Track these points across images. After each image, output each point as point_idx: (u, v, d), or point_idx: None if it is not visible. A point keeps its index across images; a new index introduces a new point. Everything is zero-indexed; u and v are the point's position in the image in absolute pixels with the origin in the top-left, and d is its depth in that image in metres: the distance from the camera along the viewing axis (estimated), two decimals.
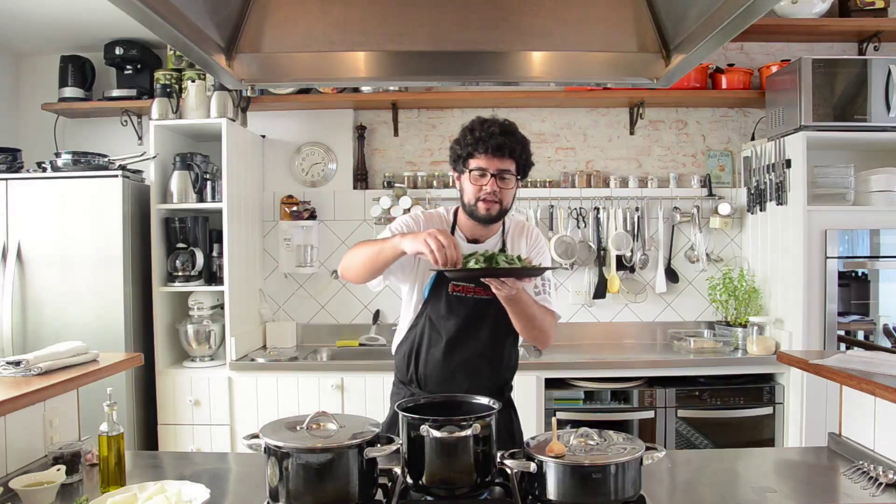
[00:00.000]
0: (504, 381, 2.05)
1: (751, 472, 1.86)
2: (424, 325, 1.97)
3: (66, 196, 3.17)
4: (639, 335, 3.80)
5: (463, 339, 1.94)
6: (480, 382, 1.93)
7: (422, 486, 1.49)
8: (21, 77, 3.92)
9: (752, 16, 1.16)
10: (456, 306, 1.94)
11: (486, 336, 1.96)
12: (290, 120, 3.87)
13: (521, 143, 1.92)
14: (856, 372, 1.76)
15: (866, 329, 3.33)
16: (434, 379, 1.94)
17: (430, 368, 1.95)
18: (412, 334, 1.99)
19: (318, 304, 3.85)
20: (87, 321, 3.14)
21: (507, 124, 1.92)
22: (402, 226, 2.01)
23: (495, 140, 1.87)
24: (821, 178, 3.25)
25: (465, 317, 1.94)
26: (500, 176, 1.89)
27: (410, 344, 1.99)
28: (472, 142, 1.89)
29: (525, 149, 1.94)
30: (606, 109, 3.89)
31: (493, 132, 1.87)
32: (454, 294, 1.94)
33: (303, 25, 1.49)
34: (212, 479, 1.68)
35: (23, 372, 1.76)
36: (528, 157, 1.95)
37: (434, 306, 1.96)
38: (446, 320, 1.94)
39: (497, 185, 1.89)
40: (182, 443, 3.27)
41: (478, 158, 1.89)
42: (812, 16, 3.45)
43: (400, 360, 2.03)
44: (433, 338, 1.95)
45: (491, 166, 1.88)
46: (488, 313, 1.94)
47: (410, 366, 1.98)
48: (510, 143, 1.88)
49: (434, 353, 1.95)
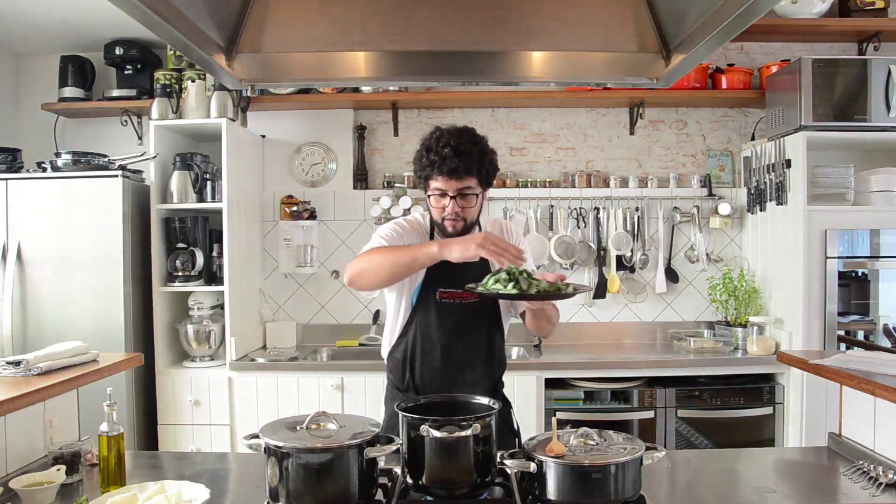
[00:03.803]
0: (498, 378, 2.07)
1: (751, 472, 1.86)
2: (416, 333, 1.96)
3: (66, 196, 3.17)
4: (639, 335, 3.80)
5: (457, 344, 1.94)
6: (477, 383, 1.94)
7: (422, 486, 1.49)
8: (21, 77, 3.92)
9: (752, 16, 1.16)
10: (445, 313, 1.94)
11: (478, 338, 1.97)
12: (290, 120, 3.86)
13: (478, 159, 1.84)
14: (856, 372, 1.76)
15: (866, 329, 3.33)
16: (433, 385, 1.94)
17: (428, 375, 1.95)
18: (403, 342, 1.98)
19: (318, 304, 3.86)
20: (87, 321, 3.14)
21: (464, 139, 1.83)
22: (391, 233, 1.96)
23: (449, 163, 1.81)
24: (821, 178, 3.25)
25: (456, 323, 1.94)
26: (460, 195, 1.86)
27: (403, 352, 1.98)
28: (427, 164, 1.85)
29: (484, 162, 1.86)
30: (606, 109, 3.89)
31: (446, 155, 1.81)
32: (442, 301, 1.93)
33: (303, 25, 1.49)
34: (212, 479, 1.68)
35: (23, 372, 1.76)
36: (490, 168, 1.89)
37: (423, 314, 1.95)
38: (437, 328, 1.94)
39: (458, 205, 1.86)
40: (182, 443, 3.27)
41: (436, 180, 1.86)
42: (812, 16, 3.45)
43: (394, 367, 2.02)
44: (426, 345, 1.95)
45: (450, 188, 1.85)
46: (478, 316, 1.96)
47: (406, 373, 1.98)
48: (465, 164, 1.81)
49: (430, 360, 1.95)
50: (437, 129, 1.89)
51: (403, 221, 2.03)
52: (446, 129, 1.88)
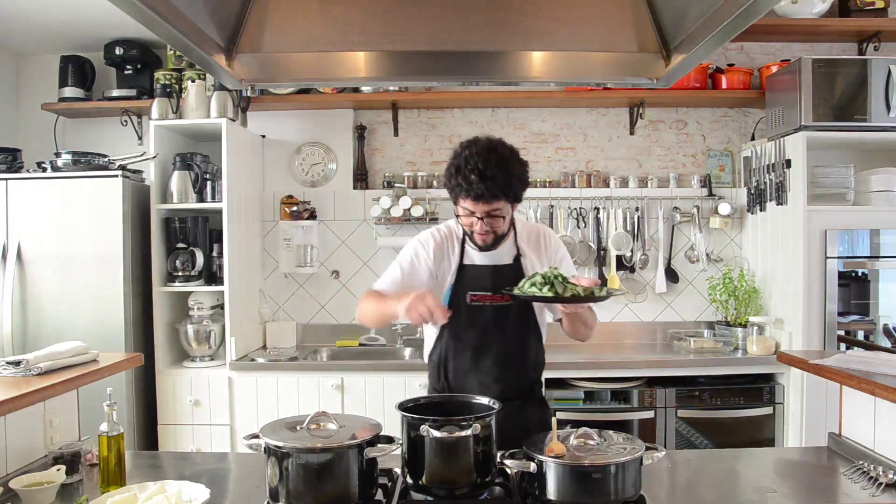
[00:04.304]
0: (534, 380, 2.09)
1: (751, 472, 1.86)
2: (449, 336, 2.01)
3: (66, 196, 3.17)
4: (639, 335, 3.80)
5: (487, 345, 1.98)
6: (510, 384, 1.98)
7: (422, 486, 1.49)
8: (21, 77, 3.92)
9: (752, 16, 1.16)
10: (476, 315, 1.98)
11: (509, 340, 2.00)
12: (290, 120, 3.86)
13: (505, 182, 1.82)
14: (856, 372, 1.76)
15: (866, 329, 3.33)
16: (465, 387, 1.97)
17: (461, 377, 2.00)
18: (439, 345, 2.04)
19: (318, 304, 3.85)
20: (87, 321, 3.14)
21: (490, 163, 1.80)
22: (411, 260, 2.02)
23: (476, 189, 1.80)
24: (821, 178, 3.25)
25: (486, 325, 1.98)
26: (488, 215, 1.87)
27: (438, 354, 2.04)
28: (455, 186, 1.85)
29: (512, 184, 1.84)
30: (606, 109, 3.89)
31: (473, 180, 1.79)
32: (473, 304, 1.98)
33: (303, 25, 1.49)
34: (212, 479, 1.68)
35: (23, 372, 1.76)
36: (519, 187, 1.88)
37: (455, 316, 1.97)
38: (468, 330, 1.98)
39: (486, 225, 1.88)
40: (182, 443, 3.27)
41: (465, 201, 1.86)
42: (812, 16, 3.45)
43: (432, 369, 2.09)
44: (458, 347, 2.00)
45: (478, 210, 1.86)
46: (508, 318, 1.99)
47: (441, 375, 2.03)
48: (492, 190, 1.80)
49: (461, 362, 1.99)
50: (466, 147, 1.86)
51: (431, 237, 2.05)
52: (475, 150, 1.83)
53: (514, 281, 1.84)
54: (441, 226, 2.11)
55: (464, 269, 1.99)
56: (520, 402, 1.99)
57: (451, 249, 2.03)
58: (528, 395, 2.05)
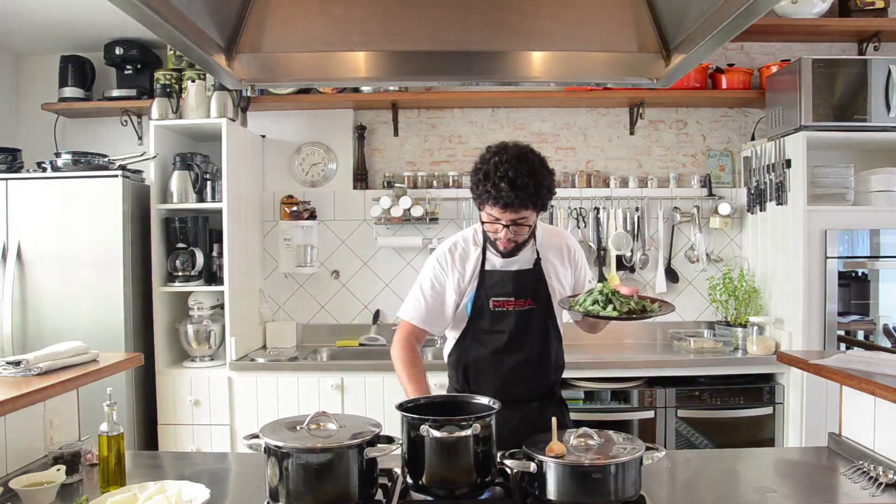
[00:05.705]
0: (555, 382, 2.10)
1: (751, 472, 1.86)
2: (471, 339, 2.02)
3: (66, 196, 3.17)
4: (639, 335, 3.80)
5: (509, 350, 1.99)
6: (530, 387, 2.01)
7: (422, 486, 1.49)
8: (21, 77, 3.92)
9: (752, 16, 1.16)
10: (499, 320, 1.99)
11: (531, 344, 2.00)
12: (290, 120, 3.86)
13: (535, 192, 1.80)
14: (856, 372, 1.76)
15: (866, 329, 3.33)
16: (486, 389, 1.95)
17: (482, 379, 2.01)
18: (460, 347, 2.05)
19: (318, 304, 3.85)
20: (87, 321, 3.14)
21: (521, 171, 1.78)
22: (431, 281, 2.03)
23: (506, 198, 1.78)
24: (821, 178, 3.25)
25: (509, 330, 1.98)
26: (514, 223, 1.86)
27: (458, 356, 2.05)
28: (482, 192, 1.84)
29: (541, 194, 1.83)
30: (606, 109, 3.89)
31: (503, 189, 1.78)
32: (496, 310, 1.99)
33: (303, 25, 1.49)
34: (212, 479, 1.68)
35: (23, 372, 1.76)
36: (546, 197, 1.86)
37: (478, 322, 2.00)
38: (490, 334, 1.99)
39: (511, 233, 1.87)
40: (182, 443, 3.27)
41: (491, 208, 1.85)
42: (812, 16, 3.45)
43: (451, 370, 2.10)
44: (480, 351, 2.01)
45: (504, 218, 1.85)
46: (531, 323, 2.00)
47: (461, 377, 2.05)
48: (521, 199, 1.79)
49: (482, 365, 2.01)
50: (496, 154, 1.84)
51: (446, 255, 2.04)
52: (506, 157, 1.82)
53: (536, 286, 1.91)
54: (457, 237, 2.09)
55: (485, 274, 1.99)
56: (539, 404, 2.01)
57: (470, 257, 2.02)
58: (548, 397, 2.06)
